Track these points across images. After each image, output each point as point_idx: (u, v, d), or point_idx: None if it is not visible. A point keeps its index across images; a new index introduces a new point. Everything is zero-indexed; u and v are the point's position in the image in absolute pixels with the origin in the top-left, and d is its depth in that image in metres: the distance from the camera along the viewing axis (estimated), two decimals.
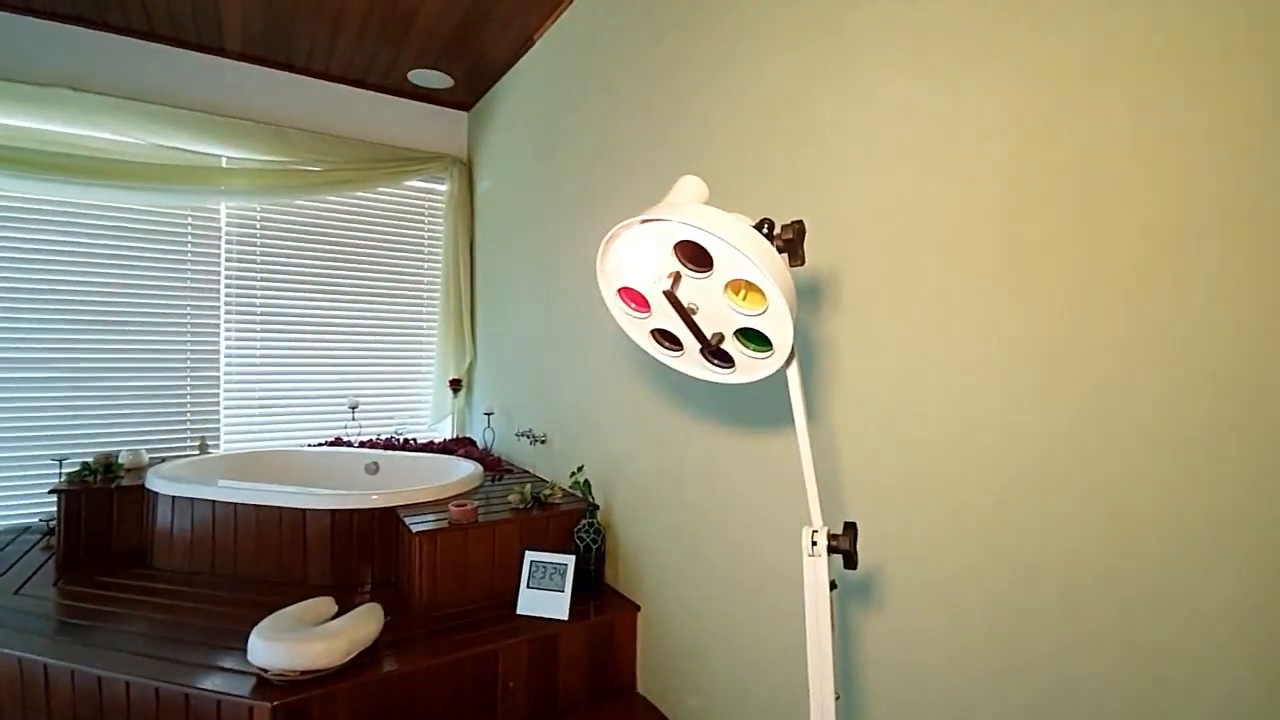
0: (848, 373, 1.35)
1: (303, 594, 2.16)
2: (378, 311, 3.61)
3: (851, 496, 1.34)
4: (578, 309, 2.51)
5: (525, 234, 3.03)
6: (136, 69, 2.95)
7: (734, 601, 1.72)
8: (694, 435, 1.87)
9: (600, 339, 2.35)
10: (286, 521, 2.24)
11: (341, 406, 3.48)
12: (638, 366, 2.13)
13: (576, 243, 2.53)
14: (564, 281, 2.63)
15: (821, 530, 0.88)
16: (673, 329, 0.90)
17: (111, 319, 2.97)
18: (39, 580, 2.21)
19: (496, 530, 2.16)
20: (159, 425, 3.09)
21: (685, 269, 0.80)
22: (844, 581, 1.34)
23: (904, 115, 1.27)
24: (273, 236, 3.31)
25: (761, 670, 1.64)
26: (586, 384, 2.44)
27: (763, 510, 1.63)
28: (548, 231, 2.79)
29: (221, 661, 1.71)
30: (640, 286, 0.86)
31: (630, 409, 2.17)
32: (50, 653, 1.72)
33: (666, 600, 1.99)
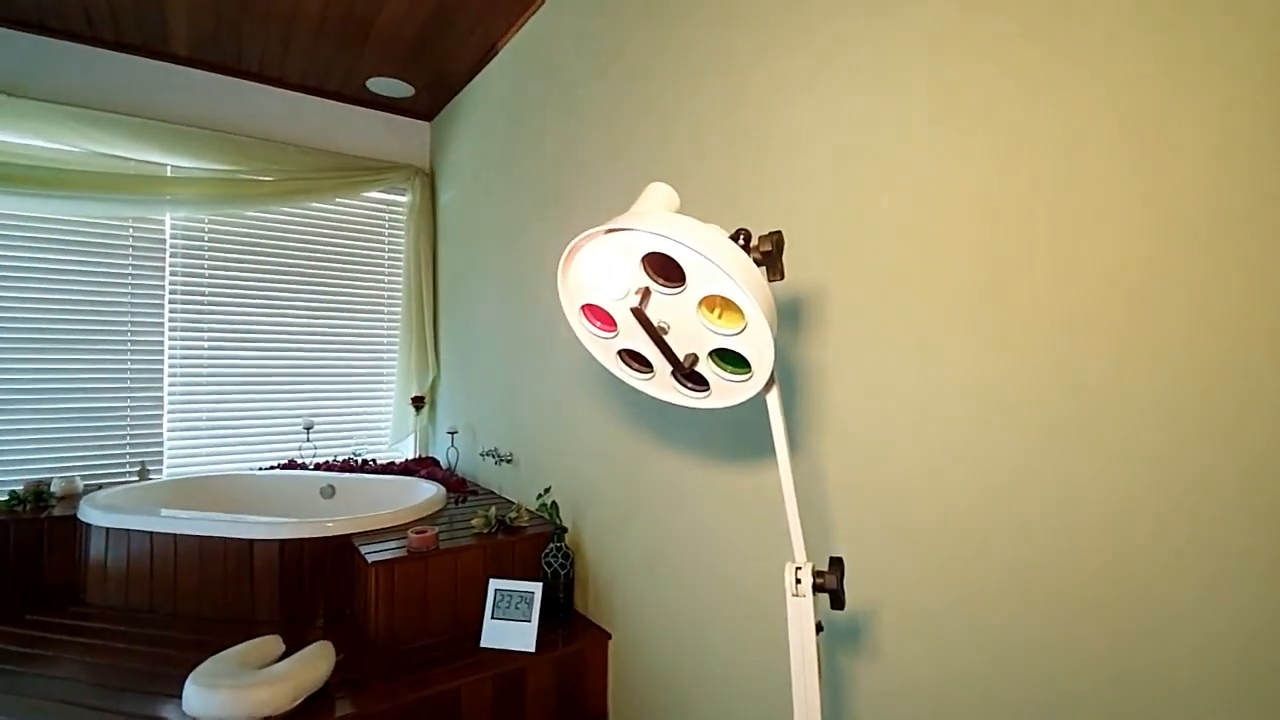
0: (832, 396, 1.30)
1: (249, 632, 2.01)
2: (335, 327, 3.47)
3: (838, 530, 1.28)
4: (545, 324, 2.43)
5: (489, 246, 2.94)
6: (75, 73, 2.79)
7: (710, 633, 1.65)
8: (667, 459, 1.80)
9: (569, 355, 2.27)
10: (231, 553, 2.09)
11: (295, 427, 3.31)
12: (607, 385, 2.06)
13: (542, 255, 2.46)
14: (530, 295, 2.55)
15: (806, 567, 0.82)
16: (642, 349, 0.83)
17: (44, 337, 2.78)
18: None
19: (459, 557, 2.05)
20: (96, 450, 2.89)
21: (655, 284, 0.74)
22: (831, 623, 1.27)
23: (880, 125, 1.24)
24: (222, 249, 3.15)
25: (739, 706, 1.57)
26: (555, 402, 2.36)
27: (738, 540, 1.57)
28: (513, 244, 2.71)
29: (159, 710, 1.57)
30: (605, 303, 0.79)
31: (601, 429, 2.09)
32: None
33: (639, 628, 1.91)
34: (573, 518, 2.23)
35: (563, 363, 2.31)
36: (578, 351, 2.22)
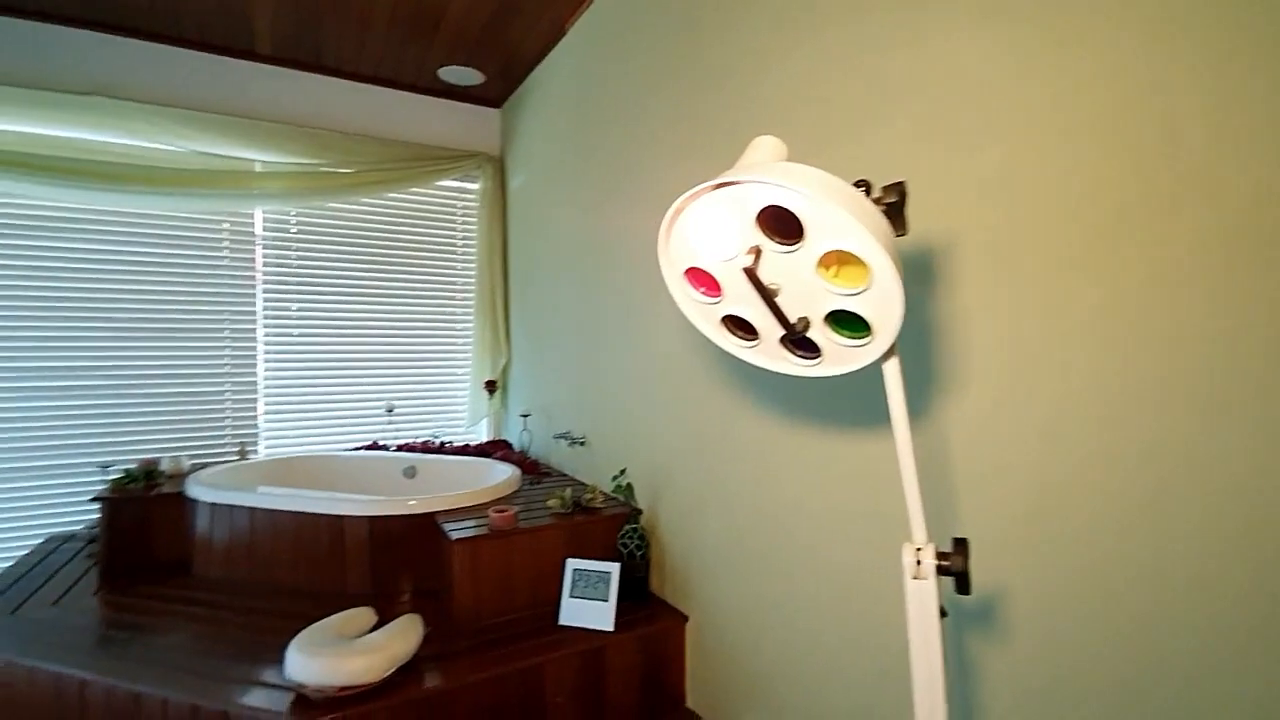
0: (959, 362, 1.20)
1: (342, 604, 2.09)
2: (412, 313, 3.56)
3: (962, 508, 1.19)
4: (619, 305, 2.41)
5: (560, 230, 2.94)
6: (168, 74, 2.95)
7: (797, 618, 1.59)
8: (752, 436, 1.75)
9: (645, 335, 2.24)
10: (325, 529, 2.18)
11: (378, 410, 3.44)
12: (686, 364, 2.02)
13: (616, 236, 2.43)
14: (604, 277, 2.53)
15: (927, 548, 0.75)
16: (748, 315, 0.78)
17: (151, 326, 2.97)
18: (80, 590, 2.20)
19: (538, 537, 2.06)
20: (199, 431, 3.08)
21: (769, 242, 0.69)
22: (955, 608, 1.18)
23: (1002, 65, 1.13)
24: (308, 240, 3.29)
25: (831, 693, 1.51)
26: (630, 383, 2.34)
27: (836, 522, 1.50)
28: (584, 226, 2.69)
29: (261, 676, 1.65)
30: (712, 266, 0.74)
31: (678, 409, 2.05)
32: (88, 667, 1.68)
33: (719, 612, 1.87)
34: (648, 500, 2.21)
35: (639, 345, 2.28)
36: (654, 333, 2.18)
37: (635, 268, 2.28)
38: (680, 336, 2.02)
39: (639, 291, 2.26)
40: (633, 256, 2.30)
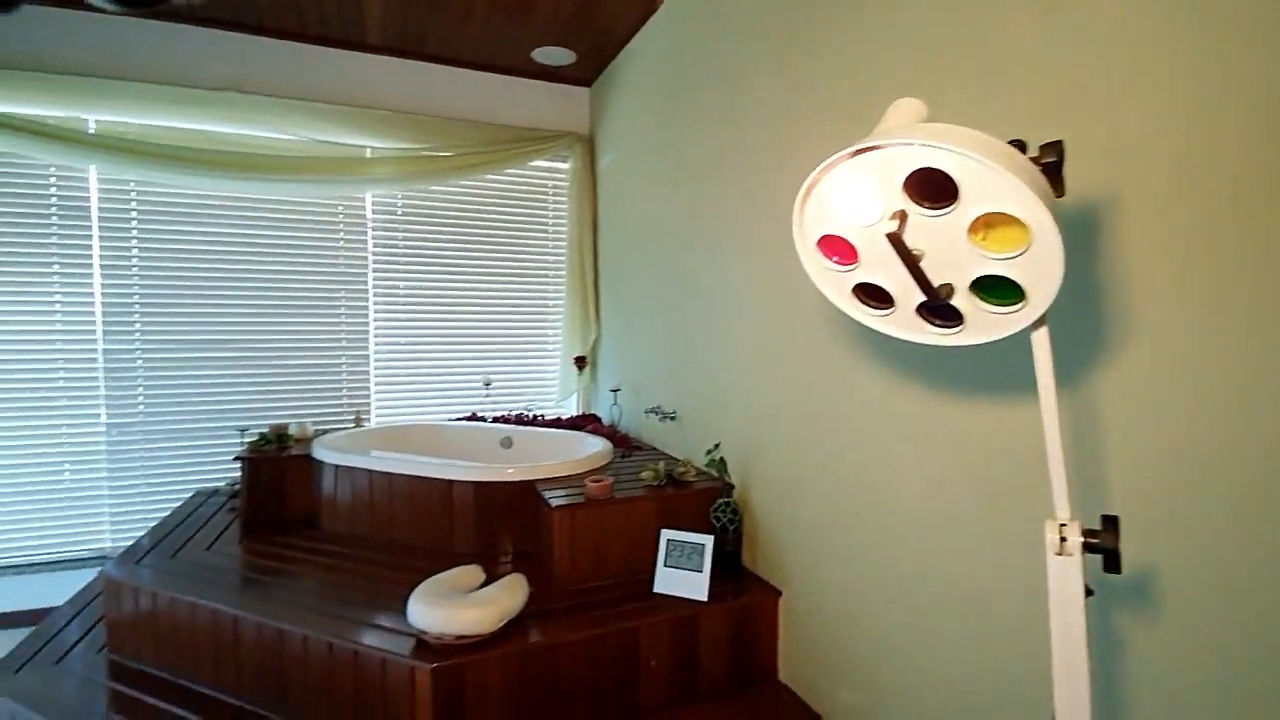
0: (1112, 327, 1.10)
1: (451, 561, 2.24)
2: (507, 291, 3.71)
3: (1110, 482, 1.11)
4: (711, 280, 2.41)
5: (651, 207, 2.96)
6: (291, 69, 3.17)
7: (905, 598, 1.57)
8: (852, 411, 1.72)
9: (738, 313, 2.24)
10: (435, 491, 2.34)
11: (476, 383, 3.61)
12: (781, 339, 2.00)
13: (710, 211, 2.42)
14: (697, 253, 2.53)
15: (1073, 525, 0.72)
16: (884, 283, 0.77)
17: (278, 303, 3.25)
18: (226, 538, 2.47)
19: (632, 507, 2.12)
20: (320, 400, 3.36)
21: (915, 206, 0.67)
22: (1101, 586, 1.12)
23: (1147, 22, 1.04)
24: (412, 222, 3.48)
25: (943, 676, 1.48)
26: (723, 359, 2.34)
27: (944, 497, 1.46)
28: (676, 202, 2.70)
29: (382, 621, 1.80)
30: (849, 234, 0.73)
31: (772, 384, 2.04)
32: (238, 605, 1.89)
33: (814, 588, 1.87)
34: (741, 475, 2.22)
35: (732, 322, 2.28)
36: (748, 310, 2.17)
37: (729, 241, 2.27)
38: (777, 311, 2.01)
39: (732, 266, 2.25)
40: (722, 233, 2.29)
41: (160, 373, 3.07)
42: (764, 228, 2.07)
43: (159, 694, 1.91)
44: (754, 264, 2.13)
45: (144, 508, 3.09)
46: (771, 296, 2.04)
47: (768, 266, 2.05)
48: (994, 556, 1.33)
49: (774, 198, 2.01)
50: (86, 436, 2.99)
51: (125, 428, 3.04)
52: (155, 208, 3.03)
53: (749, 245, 2.16)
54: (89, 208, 2.94)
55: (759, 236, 2.10)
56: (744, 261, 2.19)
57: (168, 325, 3.08)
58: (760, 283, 2.10)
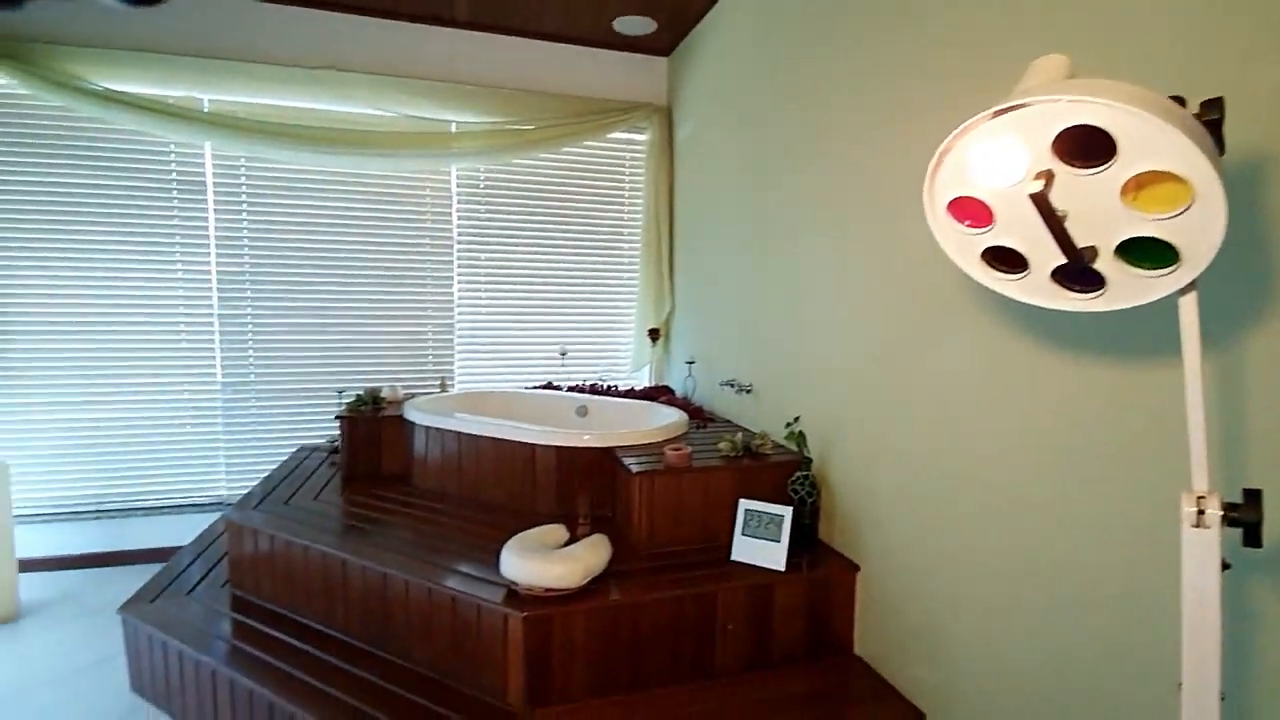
0: (1265, 289, 1.02)
1: (531, 520, 2.36)
2: (582, 263, 3.78)
3: (1251, 453, 1.04)
4: (796, 254, 2.38)
5: (730, 178, 2.93)
6: (384, 46, 3.30)
7: (990, 575, 1.55)
8: (945, 384, 1.69)
9: (822, 287, 2.21)
10: (519, 454, 2.45)
11: (552, 353, 3.72)
12: (869, 313, 1.97)
13: (796, 183, 2.39)
14: (779, 226, 2.50)
15: (1211, 497, 0.70)
16: (1019, 246, 0.75)
17: (371, 274, 3.44)
18: (330, 490, 2.67)
19: (709, 476, 2.16)
20: (408, 365, 3.55)
21: (1064, 167, 0.65)
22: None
23: None
24: (494, 196, 3.58)
25: (1031, 655, 1.46)
26: (803, 333, 2.32)
27: (1043, 474, 1.42)
28: (757, 174, 2.67)
29: (474, 572, 1.92)
30: (987, 196, 0.72)
31: (857, 357, 2.02)
32: (346, 549, 2.06)
33: (895, 564, 1.86)
34: (820, 449, 2.21)
35: (813, 296, 2.25)
36: (826, 284, 2.14)
37: (815, 214, 2.24)
38: (865, 284, 1.97)
39: (818, 239, 2.22)
40: (813, 202, 2.25)
41: (268, 338, 3.32)
42: (855, 199, 2.02)
43: (275, 625, 2.11)
44: (842, 237, 2.09)
45: (255, 460, 3.37)
46: (859, 270, 2.00)
47: (857, 239, 2.01)
48: (1098, 532, 1.29)
49: (869, 169, 1.96)
50: (205, 394, 3.27)
51: (238, 386, 3.31)
52: (262, 183, 3.25)
53: (837, 218, 2.12)
54: (205, 183, 3.18)
55: (850, 208, 2.05)
56: (830, 234, 2.15)
57: (274, 293, 3.31)
58: (847, 256, 2.06)
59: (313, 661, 1.91)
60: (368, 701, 1.73)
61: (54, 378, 3.07)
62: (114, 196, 3.06)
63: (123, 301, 3.12)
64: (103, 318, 3.10)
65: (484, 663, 1.77)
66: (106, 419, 3.15)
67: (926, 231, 1.69)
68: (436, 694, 1.77)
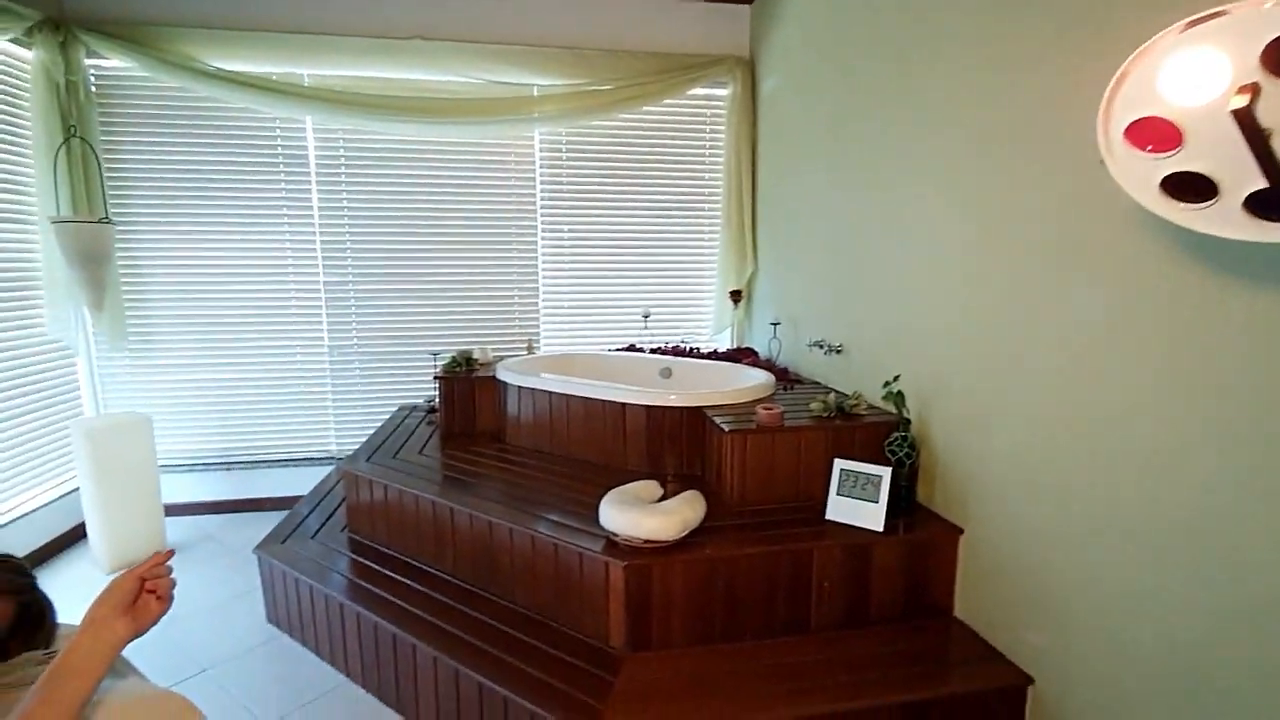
0: None
1: (622, 478, 2.42)
2: (663, 225, 3.76)
3: None
4: (894, 208, 2.29)
5: (819, 132, 2.82)
6: (468, 13, 3.33)
7: (1113, 541, 1.47)
8: (1069, 337, 1.60)
9: (921, 241, 2.12)
10: (609, 413, 2.51)
11: (635, 315, 3.75)
12: (981, 266, 1.87)
13: (890, 133, 2.27)
14: (874, 178, 2.40)
15: None
16: (1209, 171, 0.69)
17: (460, 239, 3.55)
18: (432, 446, 2.82)
19: (801, 436, 2.15)
20: (496, 328, 3.67)
21: (1273, 80, 0.59)
22: None
23: None
24: (576, 158, 3.60)
25: (1157, 633, 1.40)
26: (904, 290, 2.24)
27: (1180, 433, 1.33)
28: (850, 125, 2.55)
29: (573, 523, 2.00)
30: (1177, 115, 0.66)
31: (966, 312, 1.94)
32: (453, 500, 2.19)
33: (1003, 527, 1.80)
34: (918, 410, 2.15)
35: (918, 252, 2.16)
36: (941, 238, 2.05)
37: (921, 166, 2.13)
38: (977, 237, 1.87)
39: (914, 190, 2.12)
40: (919, 155, 2.14)
41: (368, 303, 3.51)
42: (961, 148, 1.91)
43: (391, 567, 2.28)
44: (946, 187, 1.99)
45: (360, 418, 3.60)
46: (966, 221, 1.90)
47: (964, 189, 1.91)
48: (1249, 497, 1.20)
49: (977, 116, 1.84)
50: (314, 357, 3.51)
51: (342, 349, 3.53)
52: (359, 155, 3.39)
53: (940, 168, 2.01)
54: (307, 156, 3.35)
55: (955, 159, 1.94)
56: (933, 185, 2.05)
57: (372, 261, 3.48)
58: (952, 207, 1.96)
59: (427, 599, 2.06)
60: (481, 637, 1.85)
61: (183, 340, 3.37)
62: (227, 171, 3.28)
63: (239, 270, 3.37)
64: (223, 286, 3.36)
65: (586, 607, 1.86)
66: (231, 379, 3.44)
67: (1048, 177, 1.58)
68: (542, 634, 1.87)
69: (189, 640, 2.35)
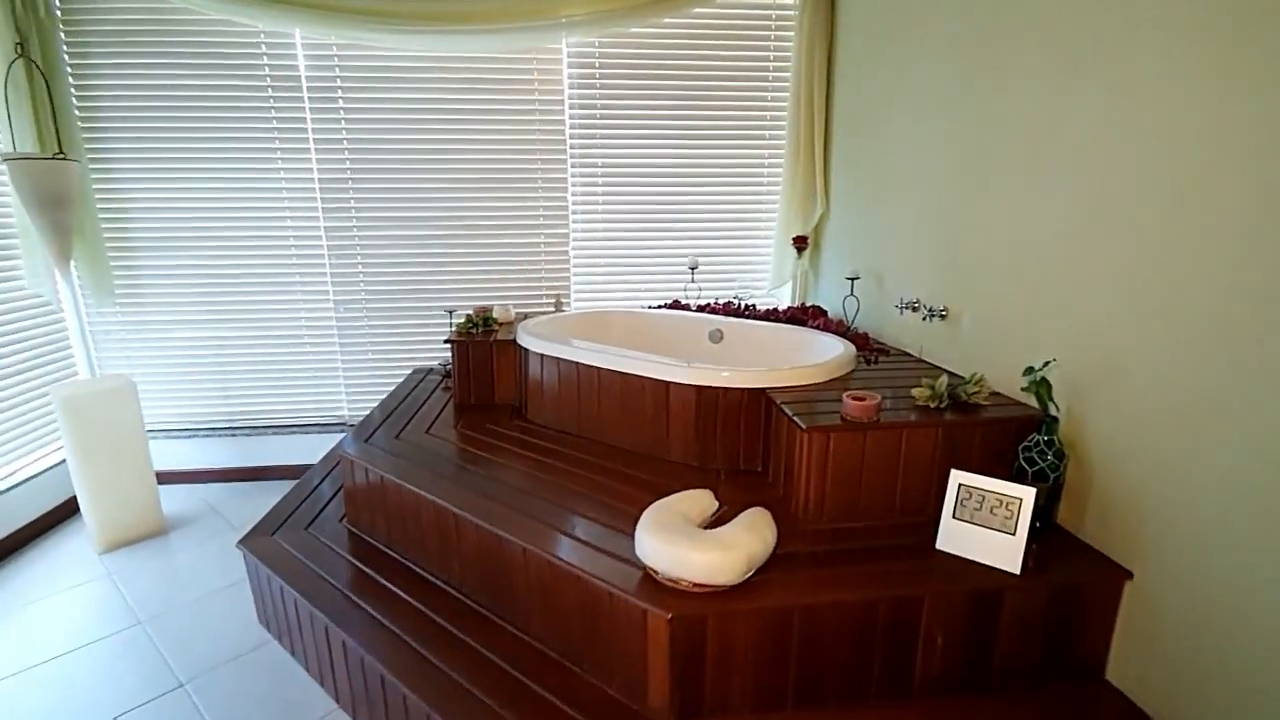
0: None
1: (664, 469, 1.97)
2: (716, 158, 3.16)
3: None
4: (1023, 136, 1.67)
5: (923, 42, 2.17)
6: None
7: None
8: None
9: (1089, 170, 1.51)
10: (650, 392, 2.03)
11: (679, 266, 3.22)
12: (1174, 213, 1.28)
13: (1031, 38, 1.64)
14: (1016, 73, 1.78)
15: None
16: None
17: (476, 179, 3.04)
18: (443, 422, 2.41)
19: (904, 436, 1.63)
20: (520, 281, 3.20)
21: None
22: None
23: None
24: (611, 78, 3.00)
25: None
26: (1048, 239, 1.65)
27: None
28: (971, 34, 1.91)
29: (602, 543, 1.56)
30: None
31: (1157, 267, 1.36)
32: (459, 502, 1.77)
33: (1200, 574, 1.28)
34: (1069, 403, 1.60)
35: (1074, 185, 1.56)
36: (1111, 165, 1.45)
37: (1082, 47, 1.50)
38: (1169, 165, 1.27)
39: (1080, 88, 1.50)
40: (1053, 63, 1.52)
41: (374, 250, 3.07)
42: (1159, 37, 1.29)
43: (388, 574, 1.90)
44: (1147, 90, 1.37)
45: (373, 381, 3.22)
46: (1179, 146, 1.30)
47: (1178, 93, 1.30)
48: None
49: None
50: (319, 313, 3.11)
51: (349, 304, 3.12)
52: (357, 75, 2.87)
53: (1135, 58, 1.39)
54: (299, 77, 2.85)
55: (1167, 44, 1.32)
56: (1120, 86, 1.43)
57: (377, 201, 3.02)
58: (1131, 114, 1.35)
59: (427, 625, 1.67)
60: (485, 684, 1.46)
61: (175, 295, 3.01)
62: (209, 97, 2.82)
63: (231, 215, 2.95)
64: (214, 233, 2.96)
65: (618, 654, 1.43)
66: (230, 338, 3.09)
67: None
68: (561, 683, 1.46)
69: (174, 641, 2.05)
